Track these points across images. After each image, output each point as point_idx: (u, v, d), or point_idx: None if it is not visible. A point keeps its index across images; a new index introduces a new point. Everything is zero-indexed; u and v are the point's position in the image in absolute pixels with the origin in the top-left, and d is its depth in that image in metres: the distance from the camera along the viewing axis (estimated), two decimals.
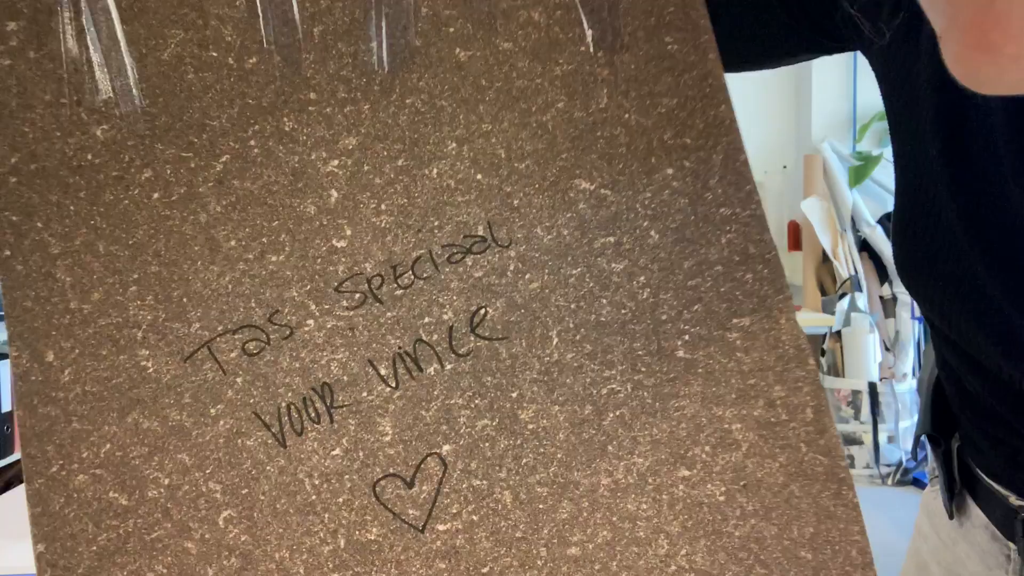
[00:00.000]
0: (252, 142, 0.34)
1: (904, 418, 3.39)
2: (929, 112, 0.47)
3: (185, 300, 0.34)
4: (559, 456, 0.36)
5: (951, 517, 0.62)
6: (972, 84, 0.26)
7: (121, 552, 0.35)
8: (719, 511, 0.36)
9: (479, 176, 0.36)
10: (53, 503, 0.36)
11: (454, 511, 0.35)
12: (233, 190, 0.34)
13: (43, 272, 0.34)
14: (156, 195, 0.34)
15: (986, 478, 0.58)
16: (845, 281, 3.63)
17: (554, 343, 0.37)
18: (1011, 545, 0.56)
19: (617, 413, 0.37)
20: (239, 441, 0.35)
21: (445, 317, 0.36)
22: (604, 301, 0.37)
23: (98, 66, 0.32)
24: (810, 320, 3.56)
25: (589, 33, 0.37)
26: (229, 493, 0.35)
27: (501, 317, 0.36)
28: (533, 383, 0.36)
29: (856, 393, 3.47)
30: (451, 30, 0.36)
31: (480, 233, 0.36)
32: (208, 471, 0.35)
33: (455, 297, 0.36)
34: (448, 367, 0.36)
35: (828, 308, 3.65)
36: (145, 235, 0.34)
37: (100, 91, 0.33)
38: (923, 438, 0.65)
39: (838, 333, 3.54)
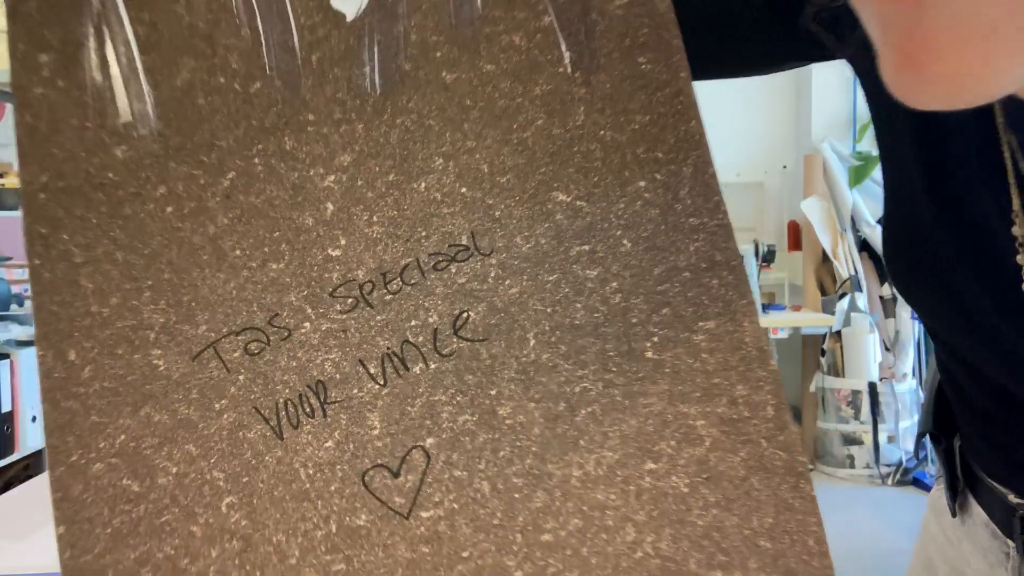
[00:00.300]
0: (256, 160, 0.37)
1: (904, 418, 3.39)
2: (902, 120, 0.48)
3: (194, 304, 0.37)
4: (534, 449, 0.39)
5: (954, 515, 0.63)
6: (906, 100, 0.27)
7: (133, 534, 0.37)
8: (683, 502, 0.38)
9: (464, 189, 0.39)
10: (73, 489, 0.38)
11: (436, 499, 0.38)
12: (238, 204, 0.37)
13: (68, 279, 0.37)
14: (169, 209, 0.37)
15: (985, 476, 0.59)
16: (845, 281, 3.63)
17: (531, 344, 0.39)
18: (1010, 543, 0.57)
19: (589, 409, 0.39)
20: (241, 433, 0.38)
21: (430, 320, 0.39)
22: (579, 305, 0.39)
23: (118, 92, 0.36)
24: (810, 320, 3.56)
25: (567, 55, 0.39)
26: (231, 481, 0.38)
27: (482, 320, 0.39)
28: (511, 381, 0.39)
29: (856, 393, 3.47)
30: (438, 54, 0.39)
31: (464, 242, 0.39)
32: (212, 460, 0.38)
33: (440, 302, 0.39)
34: (432, 366, 0.39)
35: (828, 308, 3.65)
36: (159, 245, 0.37)
37: (120, 115, 0.36)
38: (925, 437, 0.66)
39: (838, 333, 3.54)
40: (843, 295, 3.59)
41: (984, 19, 0.25)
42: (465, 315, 0.39)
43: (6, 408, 2.40)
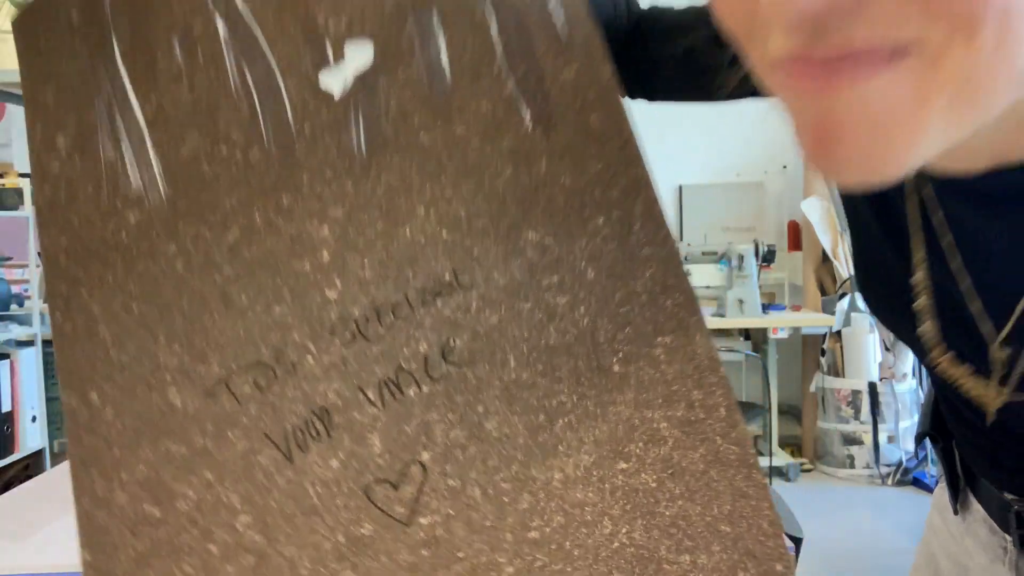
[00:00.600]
0: (257, 217, 0.42)
1: (904, 418, 3.39)
2: None
3: (205, 346, 0.42)
4: (519, 457, 0.43)
5: (956, 513, 0.66)
6: (824, 177, 0.30)
7: (155, 555, 0.41)
8: (652, 495, 0.43)
9: (444, 233, 0.44)
10: (97, 518, 0.42)
11: (434, 507, 0.42)
12: (243, 256, 0.42)
13: (88, 331, 0.41)
14: (179, 264, 0.41)
15: (979, 476, 0.62)
16: (845, 281, 3.63)
17: (512, 365, 0.44)
18: (1007, 537, 0.60)
19: (566, 419, 0.44)
20: (253, 458, 0.42)
21: (421, 349, 0.43)
22: (551, 329, 0.44)
23: (130, 164, 0.40)
24: (810, 320, 3.56)
25: (527, 116, 0.45)
26: (246, 502, 0.42)
27: (467, 346, 0.44)
28: (496, 399, 0.44)
29: (856, 393, 3.47)
30: (415, 120, 0.44)
31: (447, 279, 0.44)
32: (227, 484, 0.42)
33: (429, 332, 0.44)
34: (425, 389, 0.43)
35: (828, 308, 3.65)
36: (170, 296, 0.41)
37: (132, 184, 0.40)
38: (925, 438, 0.68)
39: (838, 333, 3.54)
40: (843, 295, 3.59)
41: (887, 107, 0.27)
42: (452, 342, 0.44)
43: (6, 408, 2.39)
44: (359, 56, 0.42)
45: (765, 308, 3.54)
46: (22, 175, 2.60)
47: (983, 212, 0.41)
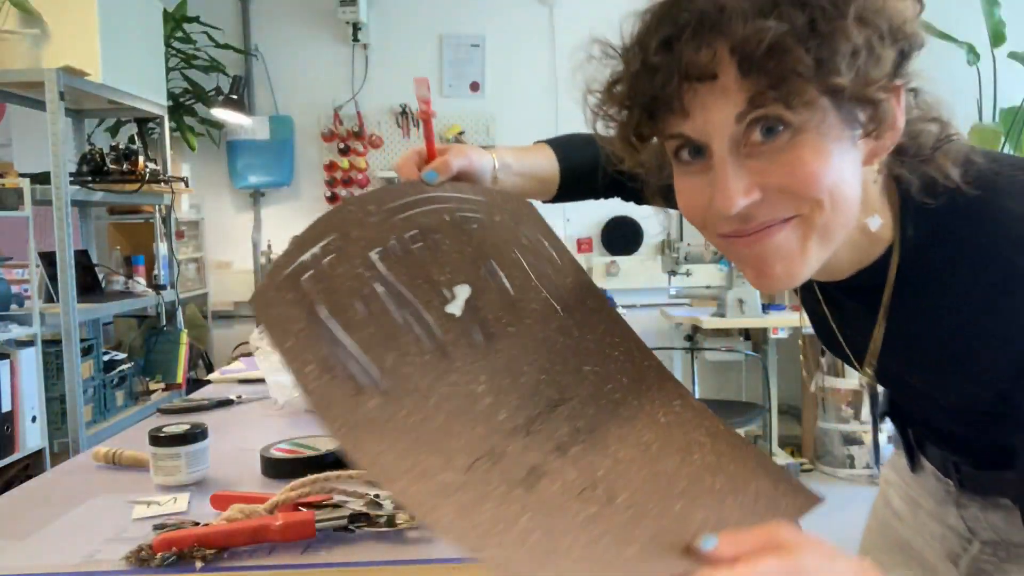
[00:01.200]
0: (444, 388, 0.64)
1: None
2: None
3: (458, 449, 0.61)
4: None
5: (913, 471, 0.92)
6: (762, 290, 0.70)
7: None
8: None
9: (543, 376, 0.71)
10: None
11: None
12: (442, 408, 0.63)
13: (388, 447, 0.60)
14: (411, 418, 0.61)
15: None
16: None
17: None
18: (949, 481, 0.84)
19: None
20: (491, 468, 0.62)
21: (557, 433, 0.66)
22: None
23: (358, 374, 0.60)
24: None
25: (559, 307, 0.78)
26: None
27: (574, 427, 0.67)
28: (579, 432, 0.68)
29: (856, 393, 3.47)
30: (503, 319, 0.73)
31: (556, 398, 0.69)
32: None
33: (560, 424, 0.67)
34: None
35: None
36: (424, 432, 0.61)
37: (361, 384, 0.60)
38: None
39: None
40: None
41: (787, 248, 0.60)
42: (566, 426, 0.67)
43: (6, 408, 2.39)
44: (463, 292, 0.71)
45: (765, 308, 3.53)
46: (22, 175, 2.60)
47: (852, 295, 0.72)
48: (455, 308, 0.70)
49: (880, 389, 0.82)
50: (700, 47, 0.54)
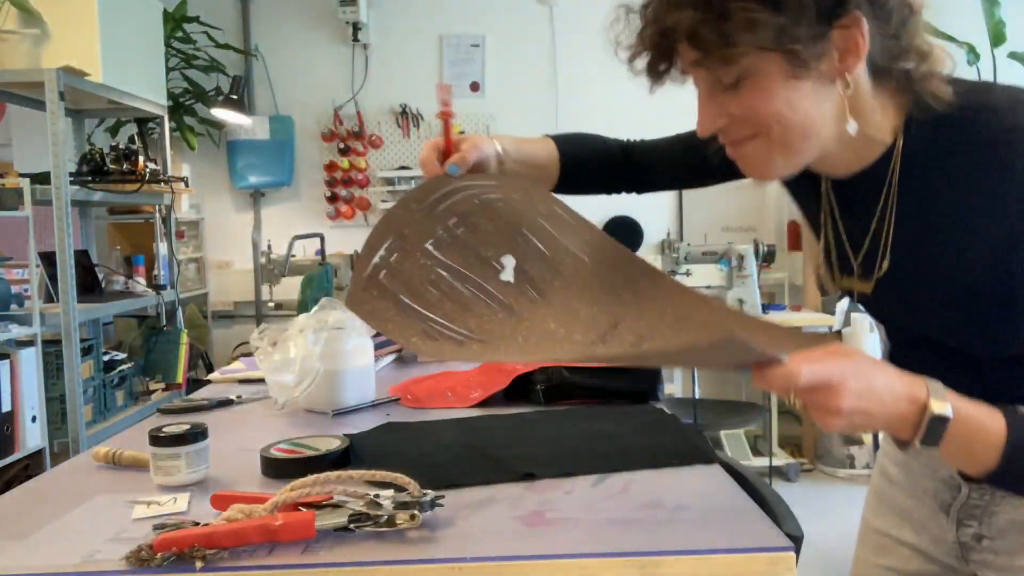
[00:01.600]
0: (520, 338, 0.83)
1: None
2: (794, 183, 0.95)
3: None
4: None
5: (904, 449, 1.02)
6: (752, 179, 0.86)
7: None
8: None
9: (583, 313, 0.88)
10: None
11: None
12: (531, 340, 0.83)
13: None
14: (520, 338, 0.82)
15: None
16: None
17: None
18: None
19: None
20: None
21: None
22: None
23: (454, 335, 0.82)
24: (810, 320, 3.56)
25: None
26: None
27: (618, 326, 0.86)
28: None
29: None
30: (548, 275, 0.90)
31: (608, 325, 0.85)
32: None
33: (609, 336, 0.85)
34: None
35: (828, 308, 3.65)
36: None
37: (463, 340, 0.82)
38: None
39: (838, 333, 3.54)
40: (843, 295, 3.59)
41: (757, 154, 0.80)
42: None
43: (6, 408, 2.39)
44: (509, 261, 0.86)
45: (765, 308, 3.53)
46: (22, 175, 2.60)
47: (855, 191, 0.86)
48: (508, 276, 0.86)
49: (877, 339, 0.92)
50: (663, 33, 0.77)
